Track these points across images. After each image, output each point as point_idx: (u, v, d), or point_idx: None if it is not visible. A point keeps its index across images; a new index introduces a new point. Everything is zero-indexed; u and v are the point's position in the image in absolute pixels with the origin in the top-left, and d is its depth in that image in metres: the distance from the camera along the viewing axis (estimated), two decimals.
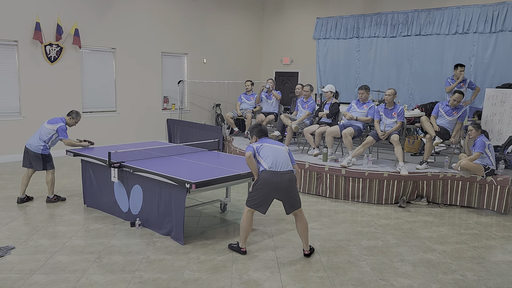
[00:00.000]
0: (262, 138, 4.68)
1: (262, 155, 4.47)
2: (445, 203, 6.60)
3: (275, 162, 4.42)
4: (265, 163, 4.43)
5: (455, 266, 4.42)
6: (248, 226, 4.51)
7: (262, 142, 4.60)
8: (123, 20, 10.13)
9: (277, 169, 4.40)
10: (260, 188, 4.40)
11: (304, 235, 4.55)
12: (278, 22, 13.24)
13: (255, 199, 4.44)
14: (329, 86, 8.07)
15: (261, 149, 4.51)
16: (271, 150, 4.49)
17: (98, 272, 4.06)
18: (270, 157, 4.45)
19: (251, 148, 4.49)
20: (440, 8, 10.17)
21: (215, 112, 12.39)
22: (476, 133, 6.30)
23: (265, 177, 4.37)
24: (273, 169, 4.39)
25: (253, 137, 4.71)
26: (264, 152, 4.50)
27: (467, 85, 8.19)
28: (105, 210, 5.76)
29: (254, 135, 4.70)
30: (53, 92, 9.19)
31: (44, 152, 6.01)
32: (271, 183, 4.37)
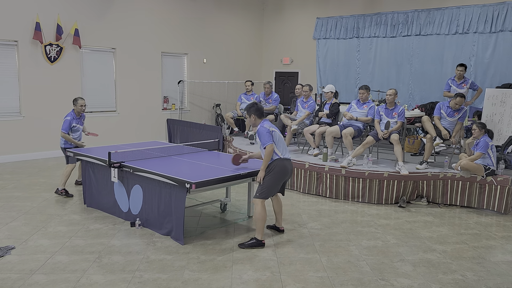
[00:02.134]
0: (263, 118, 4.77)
1: (275, 140, 4.57)
2: (445, 203, 6.60)
3: (285, 149, 4.62)
4: (278, 150, 4.57)
5: (455, 266, 4.42)
6: (266, 216, 4.68)
7: (270, 125, 4.65)
8: (123, 20, 10.13)
9: (286, 155, 4.63)
10: (277, 177, 4.58)
11: (280, 213, 5.09)
12: (278, 22, 13.24)
13: (270, 188, 4.61)
14: (329, 86, 8.07)
15: (273, 134, 4.60)
16: (279, 136, 4.64)
17: (98, 272, 4.06)
18: (281, 144, 4.60)
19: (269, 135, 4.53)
20: (440, 8, 10.17)
21: (215, 112, 12.39)
22: (479, 133, 6.28)
23: (281, 164, 4.55)
24: (285, 156, 4.61)
25: (253, 117, 4.76)
26: (275, 137, 4.60)
27: (469, 85, 8.15)
28: (105, 210, 5.76)
29: (253, 114, 4.74)
30: (53, 92, 9.19)
31: (64, 145, 6.60)
32: (286, 170, 4.61)
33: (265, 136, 4.58)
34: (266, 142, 4.56)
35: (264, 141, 4.58)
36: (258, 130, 4.68)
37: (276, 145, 4.60)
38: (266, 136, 4.57)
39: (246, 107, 4.83)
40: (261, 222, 4.65)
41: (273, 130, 4.63)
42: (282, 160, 4.58)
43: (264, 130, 4.60)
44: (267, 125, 4.67)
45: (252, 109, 4.76)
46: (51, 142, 9.25)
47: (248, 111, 4.78)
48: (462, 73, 8.05)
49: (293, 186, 7.28)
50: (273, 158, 4.59)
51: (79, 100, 6.75)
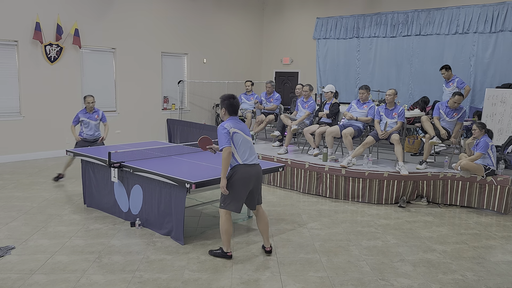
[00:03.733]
0: (232, 116, 4.26)
1: (236, 143, 4.13)
2: (445, 203, 6.60)
3: (249, 153, 4.18)
4: (238, 155, 4.14)
5: (455, 266, 4.42)
6: (230, 228, 4.31)
7: (233, 125, 4.16)
8: (123, 20, 10.13)
9: (250, 161, 4.18)
10: (237, 186, 4.14)
11: (266, 232, 4.49)
12: (278, 22, 13.24)
13: (232, 199, 4.19)
14: (330, 86, 8.06)
15: (234, 136, 4.13)
16: (242, 139, 4.17)
17: (98, 272, 4.06)
18: (243, 147, 4.16)
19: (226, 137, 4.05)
20: (440, 8, 10.17)
21: (215, 112, 12.40)
22: (479, 133, 6.27)
23: (241, 171, 4.12)
24: (247, 162, 4.15)
25: (223, 110, 4.27)
26: (237, 140, 4.14)
27: (456, 84, 8.25)
28: (105, 210, 5.76)
29: (224, 108, 4.25)
30: (53, 92, 9.19)
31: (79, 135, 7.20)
32: (249, 178, 4.14)
33: (221, 137, 4.11)
34: (221, 145, 4.10)
35: (220, 143, 4.13)
36: (217, 129, 4.25)
37: (237, 149, 4.13)
38: (223, 138, 4.09)
39: (222, 96, 4.32)
40: (225, 235, 4.29)
41: (234, 131, 4.13)
42: (242, 166, 4.12)
43: (221, 130, 4.12)
44: (230, 124, 4.17)
45: (226, 102, 4.24)
46: (51, 142, 9.25)
47: (221, 102, 4.28)
48: (444, 75, 8.23)
49: (293, 186, 7.29)
50: (232, 164, 4.15)
51: (86, 98, 7.17)
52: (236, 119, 4.25)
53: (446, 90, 8.53)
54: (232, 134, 4.11)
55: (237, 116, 4.30)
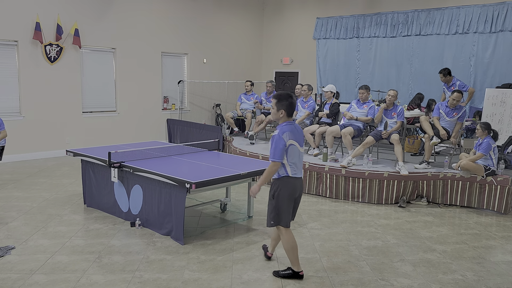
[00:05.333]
0: (289, 119, 3.83)
1: (289, 156, 3.76)
2: (445, 203, 6.60)
3: (298, 166, 3.84)
4: (289, 167, 3.78)
5: (455, 266, 4.42)
6: (296, 244, 3.94)
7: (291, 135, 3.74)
8: (123, 20, 10.13)
9: (298, 174, 3.86)
10: (286, 198, 3.82)
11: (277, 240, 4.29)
12: (278, 22, 13.24)
13: (283, 212, 3.84)
14: (330, 86, 8.07)
15: (289, 148, 3.74)
16: (296, 152, 3.80)
17: (98, 272, 4.06)
18: (295, 159, 3.80)
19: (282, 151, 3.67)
20: (440, 8, 10.17)
21: (215, 112, 12.39)
22: (482, 133, 6.26)
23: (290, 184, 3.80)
24: (296, 175, 3.83)
25: (282, 112, 3.79)
26: (291, 152, 3.76)
27: (457, 87, 8.10)
28: (105, 210, 5.76)
29: (283, 109, 3.78)
30: (53, 92, 9.19)
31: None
32: (294, 190, 3.85)
33: (276, 148, 3.71)
34: (273, 157, 3.72)
35: (271, 154, 3.74)
36: (272, 136, 3.78)
37: (288, 161, 3.76)
38: (277, 150, 3.70)
39: (278, 96, 3.81)
40: (293, 253, 3.93)
41: (291, 143, 3.74)
42: (291, 179, 3.80)
43: (279, 140, 3.70)
44: (288, 135, 3.73)
45: (285, 102, 3.77)
46: (51, 142, 9.26)
47: (278, 101, 3.77)
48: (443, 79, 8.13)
49: None
50: (280, 174, 3.81)
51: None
52: (293, 125, 3.80)
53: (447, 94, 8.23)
54: (288, 147, 3.73)
55: (292, 119, 3.89)
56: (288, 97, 3.77)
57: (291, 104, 3.78)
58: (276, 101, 3.79)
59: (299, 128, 3.89)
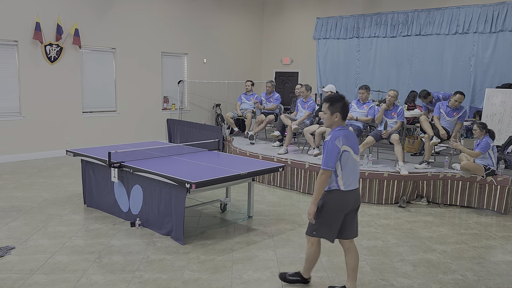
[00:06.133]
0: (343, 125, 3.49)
1: (342, 164, 3.41)
2: (445, 203, 6.60)
3: (354, 178, 3.47)
4: (341, 178, 3.42)
5: (455, 266, 4.42)
6: (317, 257, 3.73)
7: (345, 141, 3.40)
8: (123, 20, 10.13)
9: (352, 186, 3.48)
10: (332, 212, 3.47)
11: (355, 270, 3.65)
12: (278, 22, 13.24)
13: (326, 225, 3.52)
14: (330, 86, 8.07)
15: (343, 154, 3.39)
16: (351, 160, 3.43)
17: (98, 272, 4.06)
18: (349, 169, 3.42)
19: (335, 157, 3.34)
20: (440, 8, 10.17)
21: (215, 112, 12.40)
22: (480, 133, 6.28)
23: (340, 198, 3.43)
24: (350, 188, 3.45)
25: (336, 115, 3.45)
26: (344, 160, 3.41)
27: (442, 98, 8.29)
28: (105, 210, 5.75)
29: (338, 112, 3.45)
30: (53, 92, 9.19)
31: None
32: (345, 205, 3.48)
33: (328, 155, 3.37)
34: (325, 165, 3.38)
35: (324, 162, 3.39)
36: (325, 141, 3.43)
37: (342, 170, 3.41)
38: (330, 156, 3.36)
39: (329, 98, 3.48)
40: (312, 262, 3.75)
41: (345, 149, 3.39)
42: (342, 193, 3.43)
43: (332, 146, 3.37)
44: (342, 140, 3.39)
45: (339, 104, 3.43)
46: (51, 142, 9.25)
47: (331, 104, 3.44)
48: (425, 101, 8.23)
49: (293, 186, 7.28)
50: (331, 186, 3.45)
51: None
52: (347, 130, 3.49)
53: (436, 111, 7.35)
54: (341, 153, 3.39)
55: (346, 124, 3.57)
56: (341, 99, 3.45)
57: (345, 106, 3.46)
58: (328, 104, 3.46)
59: (353, 133, 3.54)
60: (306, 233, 3.67)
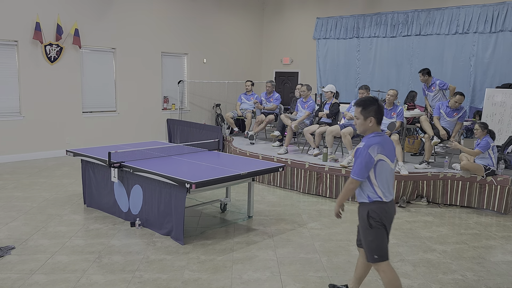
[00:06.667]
0: (378, 131, 3.20)
1: (377, 173, 3.12)
2: (445, 203, 6.60)
3: (390, 186, 3.21)
4: (380, 188, 3.14)
5: (455, 266, 4.42)
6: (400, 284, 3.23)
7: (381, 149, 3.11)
8: (123, 20, 10.13)
9: (391, 197, 3.21)
10: (385, 227, 3.17)
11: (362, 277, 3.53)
12: (278, 22, 13.24)
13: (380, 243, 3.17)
14: (330, 86, 8.07)
15: (378, 164, 3.11)
16: (387, 169, 3.15)
17: (98, 272, 4.06)
18: (384, 178, 3.15)
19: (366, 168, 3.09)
20: (440, 8, 10.17)
21: (215, 112, 12.39)
22: (481, 133, 6.28)
23: (386, 210, 3.16)
24: (390, 199, 3.19)
25: (370, 120, 3.16)
26: (380, 169, 3.12)
27: (438, 87, 7.95)
28: (105, 210, 5.75)
29: (372, 117, 3.15)
30: (53, 92, 9.19)
31: None
32: (390, 218, 3.20)
33: (360, 164, 3.11)
34: (356, 174, 3.14)
35: (355, 171, 3.14)
36: (357, 149, 3.17)
37: (377, 180, 3.13)
38: (362, 166, 3.10)
39: (362, 102, 3.20)
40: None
41: (380, 158, 3.10)
42: (385, 205, 3.16)
43: (365, 154, 3.09)
44: (377, 148, 3.10)
45: (373, 108, 3.14)
46: (51, 142, 9.26)
47: (364, 108, 3.17)
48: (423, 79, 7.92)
49: (293, 186, 7.28)
50: (372, 197, 3.16)
51: None
52: (382, 136, 3.17)
53: (430, 96, 8.07)
54: (376, 163, 3.11)
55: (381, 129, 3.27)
56: (374, 101, 3.17)
57: (379, 109, 3.15)
58: (361, 108, 3.18)
59: (389, 139, 3.24)
60: (367, 260, 3.27)
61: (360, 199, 3.24)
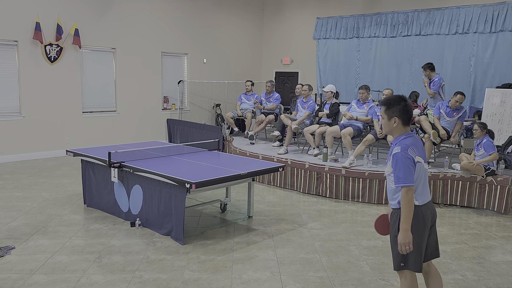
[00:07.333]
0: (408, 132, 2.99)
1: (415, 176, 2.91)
2: (445, 203, 6.60)
3: (425, 188, 2.99)
4: (417, 191, 2.91)
5: (455, 266, 4.42)
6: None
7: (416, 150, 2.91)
8: (123, 20, 10.13)
9: (428, 198, 2.99)
10: (418, 234, 2.90)
11: None
12: (278, 22, 13.24)
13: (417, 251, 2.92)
14: (330, 86, 8.07)
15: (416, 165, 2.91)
16: (422, 170, 2.96)
17: (98, 272, 4.06)
18: (422, 180, 2.95)
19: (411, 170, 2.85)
20: (440, 8, 10.17)
21: (215, 112, 12.40)
22: (481, 133, 6.28)
23: (421, 215, 2.91)
24: (425, 201, 2.95)
25: (395, 120, 2.95)
26: (417, 173, 2.92)
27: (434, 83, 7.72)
28: (105, 210, 5.75)
29: (396, 117, 2.94)
30: (53, 92, 9.19)
31: None
32: (427, 223, 2.95)
33: (403, 169, 2.84)
34: (404, 182, 2.83)
35: (404, 178, 2.84)
36: (394, 154, 2.89)
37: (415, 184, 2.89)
38: (406, 170, 2.83)
39: (386, 101, 2.99)
40: None
41: (418, 160, 2.91)
42: (421, 209, 2.91)
43: (405, 158, 2.84)
44: (414, 150, 2.89)
45: (398, 107, 2.93)
46: (51, 142, 9.26)
47: (388, 107, 2.96)
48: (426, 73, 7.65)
49: (293, 186, 7.28)
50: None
51: None
52: (413, 137, 2.97)
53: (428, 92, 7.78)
54: (415, 164, 2.90)
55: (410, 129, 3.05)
56: (400, 100, 2.94)
57: (405, 108, 2.92)
58: (385, 108, 2.98)
59: (419, 139, 3.07)
60: (394, 268, 3.04)
61: (392, 205, 3.02)
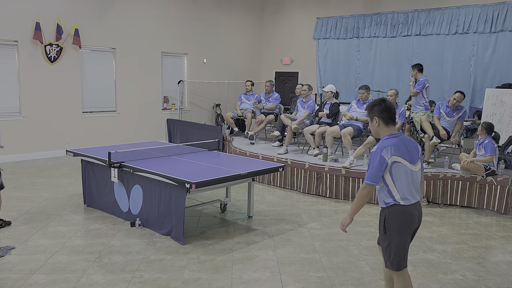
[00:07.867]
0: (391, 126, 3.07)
1: (393, 176, 2.97)
2: (445, 203, 6.60)
3: (411, 189, 3.02)
4: (398, 192, 2.98)
5: (455, 266, 4.42)
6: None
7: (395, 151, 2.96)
8: (123, 20, 10.13)
9: (413, 200, 3.03)
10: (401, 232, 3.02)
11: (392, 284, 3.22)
12: (278, 22, 13.24)
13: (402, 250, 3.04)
14: (330, 86, 8.07)
15: (393, 166, 2.96)
16: (405, 171, 2.99)
17: (98, 272, 4.06)
18: (403, 179, 2.98)
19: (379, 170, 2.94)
20: (440, 8, 10.17)
21: (215, 112, 12.39)
22: (481, 132, 6.30)
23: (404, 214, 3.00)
24: (410, 202, 3.02)
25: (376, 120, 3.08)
26: (396, 171, 2.97)
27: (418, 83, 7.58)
28: (105, 210, 5.75)
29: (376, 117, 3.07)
30: (53, 92, 9.19)
31: None
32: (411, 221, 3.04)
33: (371, 168, 2.98)
34: (366, 179, 3.00)
35: (367, 175, 3.00)
36: (371, 152, 3.03)
37: (394, 183, 2.98)
38: (373, 169, 2.97)
39: (368, 105, 3.18)
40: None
41: (395, 160, 2.95)
42: (403, 207, 3.00)
43: (376, 157, 2.96)
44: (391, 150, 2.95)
45: (377, 107, 3.06)
46: (51, 142, 9.26)
47: (370, 110, 3.11)
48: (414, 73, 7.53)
49: (293, 186, 7.28)
50: (387, 202, 3.04)
51: None
52: (398, 137, 3.03)
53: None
54: (390, 165, 2.95)
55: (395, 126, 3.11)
56: (380, 101, 3.06)
57: (386, 108, 3.03)
58: (368, 111, 3.15)
59: (409, 140, 3.09)
60: (385, 266, 3.17)
61: (380, 204, 3.14)
